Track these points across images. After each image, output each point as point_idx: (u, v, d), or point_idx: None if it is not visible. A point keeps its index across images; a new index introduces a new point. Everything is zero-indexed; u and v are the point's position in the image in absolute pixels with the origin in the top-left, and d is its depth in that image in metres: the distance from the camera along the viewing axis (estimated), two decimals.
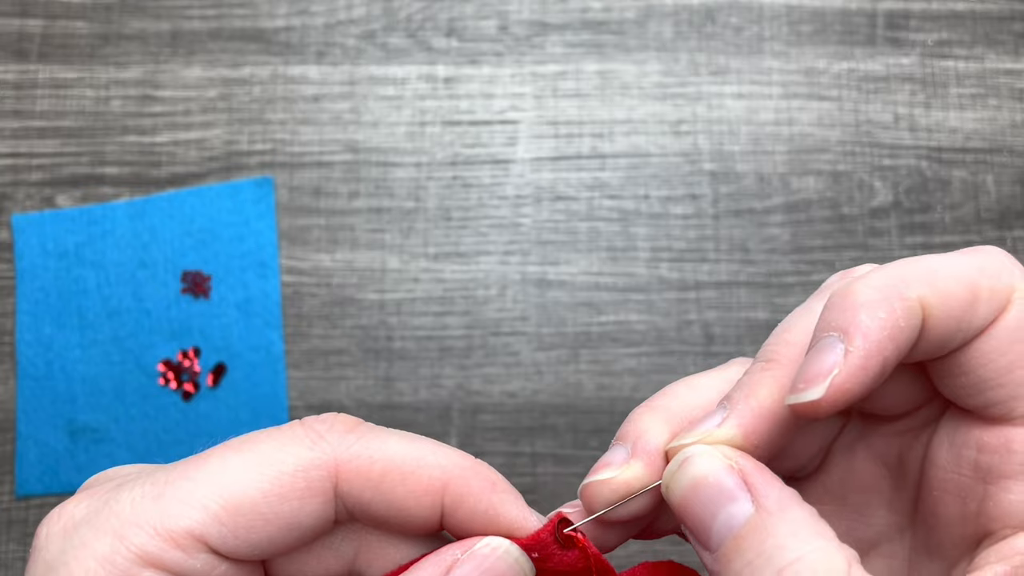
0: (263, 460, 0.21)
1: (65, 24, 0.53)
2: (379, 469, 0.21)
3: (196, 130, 0.52)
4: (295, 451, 0.21)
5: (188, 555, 0.20)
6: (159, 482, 0.21)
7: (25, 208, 0.51)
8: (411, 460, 0.22)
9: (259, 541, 0.21)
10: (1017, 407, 0.21)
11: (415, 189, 0.52)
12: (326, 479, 0.21)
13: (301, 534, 0.21)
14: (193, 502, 0.20)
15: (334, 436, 0.21)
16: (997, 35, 0.54)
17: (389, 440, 0.22)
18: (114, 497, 0.21)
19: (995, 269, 0.21)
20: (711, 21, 0.54)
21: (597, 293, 0.51)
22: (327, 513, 0.21)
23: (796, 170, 0.53)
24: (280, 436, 0.21)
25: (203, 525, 0.20)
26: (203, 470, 0.21)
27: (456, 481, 0.22)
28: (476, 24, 0.54)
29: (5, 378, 0.50)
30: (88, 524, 0.20)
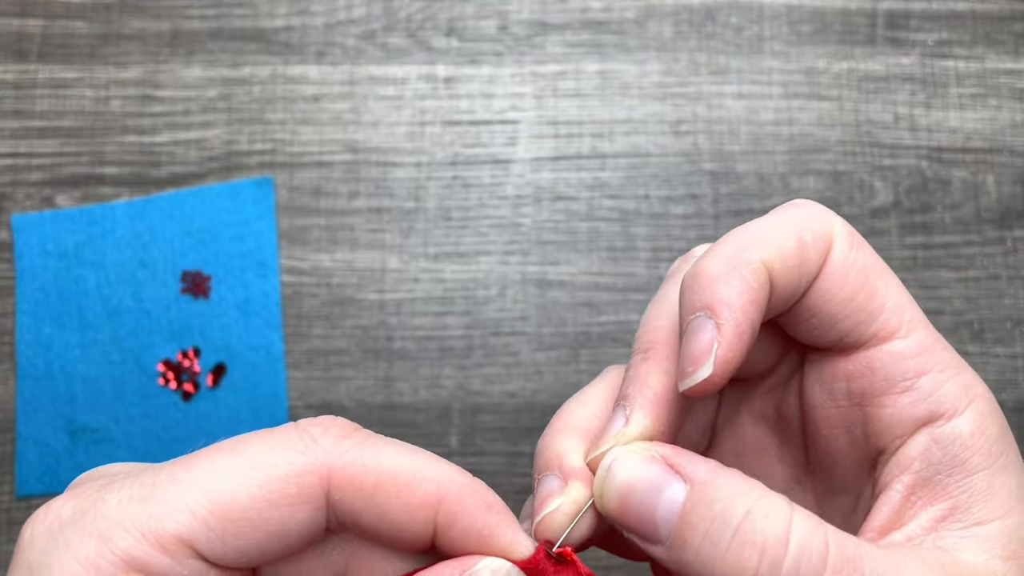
0: (254, 464, 0.20)
1: (65, 24, 0.53)
2: (373, 480, 0.21)
3: (196, 130, 0.52)
4: (287, 456, 0.20)
5: (175, 561, 0.20)
6: (147, 483, 0.20)
7: (25, 208, 0.51)
8: (407, 472, 0.21)
9: (248, 548, 0.20)
10: (865, 331, 0.23)
11: (415, 189, 0.52)
12: (318, 486, 0.20)
13: (291, 541, 0.21)
14: (181, 506, 0.20)
15: (329, 441, 0.21)
16: (997, 35, 0.54)
17: (385, 450, 0.21)
18: (101, 498, 0.20)
19: (812, 217, 0.24)
20: (711, 21, 0.54)
21: (597, 293, 0.51)
22: (318, 521, 0.21)
23: (796, 170, 0.53)
24: (272, 439, 0.21)
25: (191, 530, 0.20)
26: (192, 472, 0.20)
27: (452, 498, 0.21)
28: (476, 24, 0.54)
29: (5, 378, 0.50)
30: (73, 525, 0.20)
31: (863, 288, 0.23)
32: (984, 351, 0.51)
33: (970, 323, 0.52)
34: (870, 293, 0.23)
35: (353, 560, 0.22)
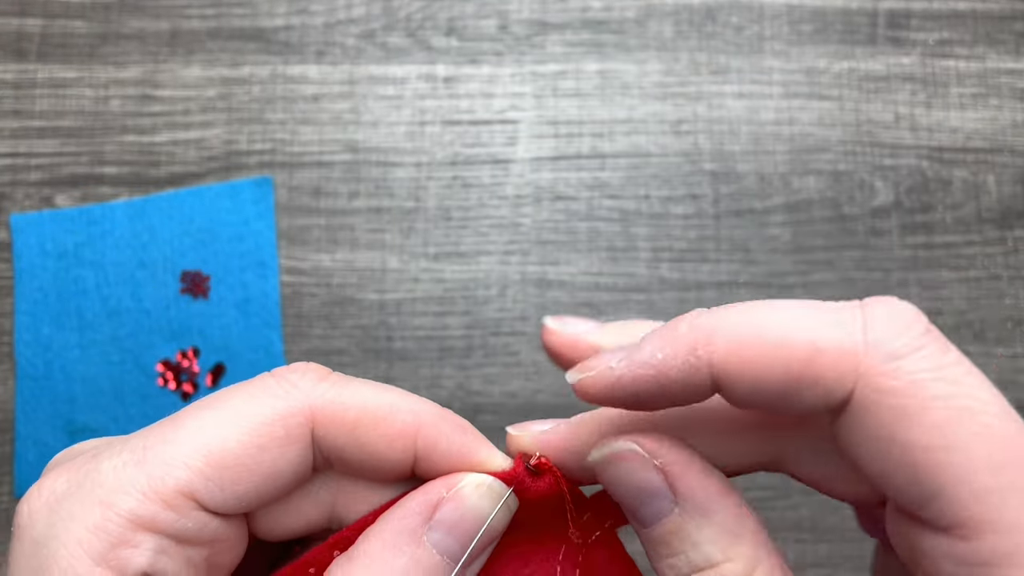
0: (239, 413, 0.21)
1: (64, 24, 0.53)
2: (353, 415, 0.22)
3: (195, 130, 0.52)
4: (270, 402, 0.21)
5: (180, 514, 0.20)
6: (138, 448, 0.21)
7: (24, 208, 0.51)
8: (384, 406, 0.22)
9: (245, 492, 0.21)
10: (929, 507, 0.18)
11: (415, 189, 0.52)
12: (303, 426, 0.21)
13: (284, 482, 0.22)
14: (176, 462, 0.20)
15: (307, 384, 0.22)
16: (998, 35, 0.54)
17: (362, 388, 0.22)
18: (95, 468, 0.21)
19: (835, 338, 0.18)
20: (711, 21, 0.54)
21: (597, 293, 0.51)
22: (306, 459, 0.22)
23: (797, 170, 0.53)
24: (253, 388, 0.22)
25: (190, 482, 0.20)
26: (181, 430, 0.21)
27: (427, 425, 0.22)
28: (476, 24, 0.54)
29: (4, 378, 0.50)
30: (72, 497, 0.20)
31: (905, 445, 0.17)
32: (984, 351, 0.51)
33: (971, 323, 0.52)
34: (925, 456, 0.17)
35: (340, 495, 0.23)
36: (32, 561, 0.20)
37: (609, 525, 0.23)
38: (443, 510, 0.21)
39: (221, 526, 0.21)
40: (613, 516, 0.23)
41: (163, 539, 0.20)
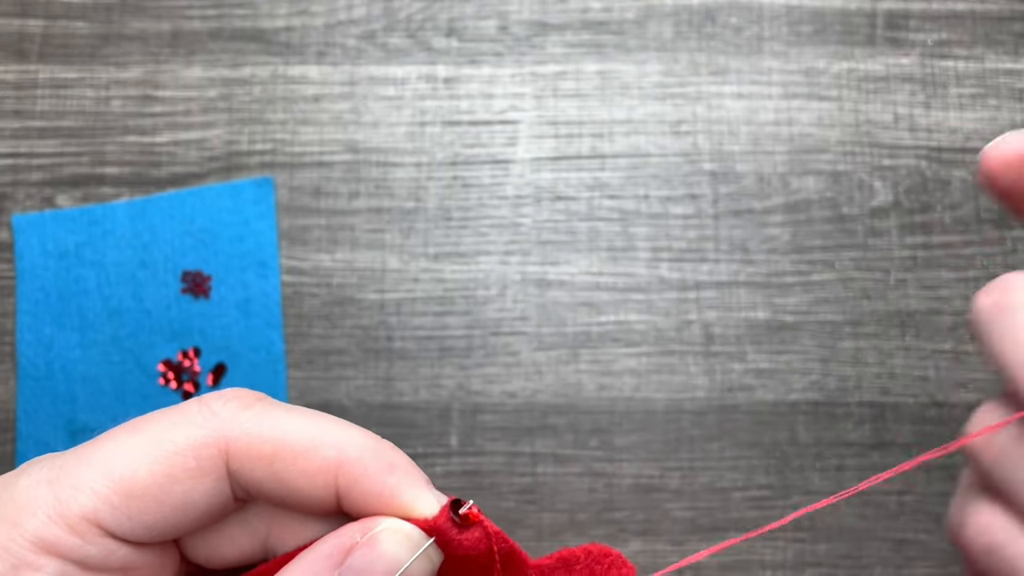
0: (154, 440, 0.20)
1: (65, 24, 0.53)
2: (270, 448, 0.20)
3: (196, 130, 0.52)
4: (186, 430, 0.20)
5: (85, 540, 0.20)
6: (55, 466, 0.20)
7: (25, 208, 0.51)
8: (305, 439, 0.21)
9: (155, 523, 0.20)
10: None
11: (415, 189, 0.52)
12: (217, 457, 0.20)
13: (198, 515, 0.21)
14: (84, 486, 0.20)
15: (228, 412, 0.21)
16: (997, 35, 0.54)
17: (285, 418, 0.21)
18: (13, 483, 0.20)
19: None
20: (711, 21, 0.54)
21: (597, 293, 0.51)
22: (222, 492, 0.21)
23: (796, 170, 0.53)
24: (175, 414, 0.21)
25: (95, 509, 0.20)
26: (98, 452, 0.20)
27: (351, 462, 0.21)
28: (476, 24, 0.54)
29: (5, 378, 0.50)
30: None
31: None
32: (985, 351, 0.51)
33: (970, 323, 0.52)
34: None
35: (274, 526, 0.22)
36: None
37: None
38: (354, 556, 0.20)
39: (132, 554, 0.20)
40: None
41: (66, 564, 0.20)
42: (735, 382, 0.51)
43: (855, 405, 0.51)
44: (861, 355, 0.51)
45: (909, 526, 0.50)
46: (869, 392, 0.51)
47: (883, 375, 0.51)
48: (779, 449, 0.50)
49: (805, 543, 0.50)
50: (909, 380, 0.51)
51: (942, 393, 0.51)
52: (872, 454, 0.50)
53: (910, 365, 0.51)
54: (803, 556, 0.50)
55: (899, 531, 0.50)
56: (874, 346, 0.51)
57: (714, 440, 0.50)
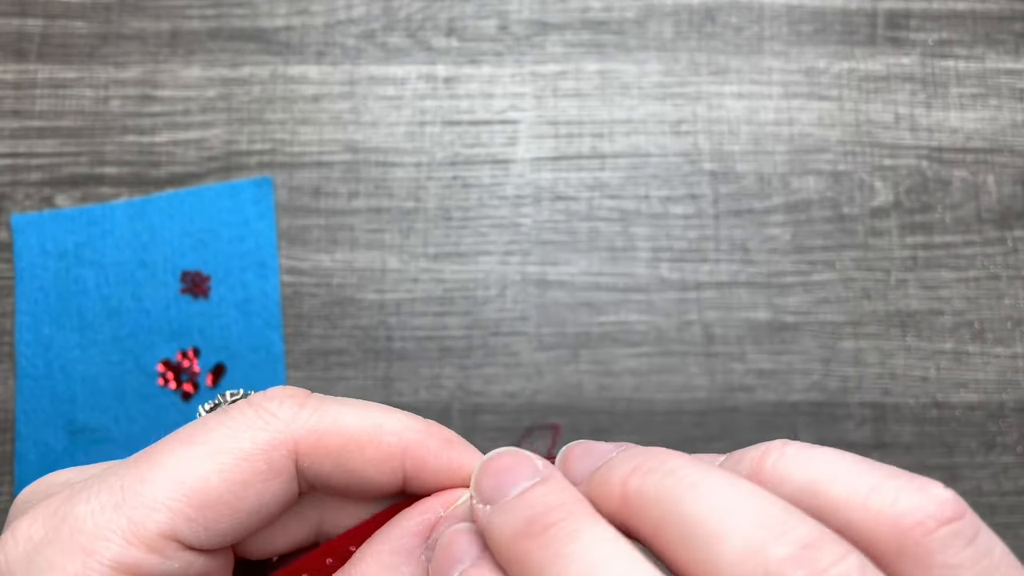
0: (219, 448, 0.20)
1: (64, 24, 0.53)
2: (337, 442, 0.21)
3: (195, 130, 0.52)
4: (250, 434, 0.21)
5: (165, 557, 0.20)
6: (115, 488, 0.20)
7: (24, 208, 0.51)
8: (368, 430, 0.21)
9: (229, 529, 0.20)
10: None
11: (415, 189, 0.52)
12: (286, 457, 0.21)
13: (269, 514, 0.21)
14: (158, 504, 0.20)
15: (287, 413, 0.21)
16: (998, 35, 0.54)
17: (343, 410, 0.21)
18: (71, 512, 0.20)
19: None
20: (711, 21, 0.54)
21: (597, 293, 0.51)
22: (291, 490, 0.21)
23: (796, 170, 0.53)
24: (231, 421, 0.21)
25: (173, 525, 0.20)
26: (158, 468, 0.20)
27: (414, 444, 0.21)
28: (476, 24, 0.54)
29: (4, 378, 0.50)
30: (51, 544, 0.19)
31: None
32: (984, 351, 0.51)
33: (970, 323, 0.52)
34: None
35: (327, 513, 0.23)
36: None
37: None
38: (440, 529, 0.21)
39: (207, 561, 0.21)
40: None
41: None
42: (736, 382, 0.51)
43: (856, 405, 0.51)
44: (862, 355, 0.51)
45: None
46: (870, 392, 0.51)
47: (883, 375, 0.51)
48: None
49: None
50: (909, 380, 0.51)
51: (942, 393, 0.51)
52: (873, 454, 0.50)
53: (910, 365, 0.51)
54: None
55: None
56: (875, 346, 0.51)
57: (715, 440, 0.50)
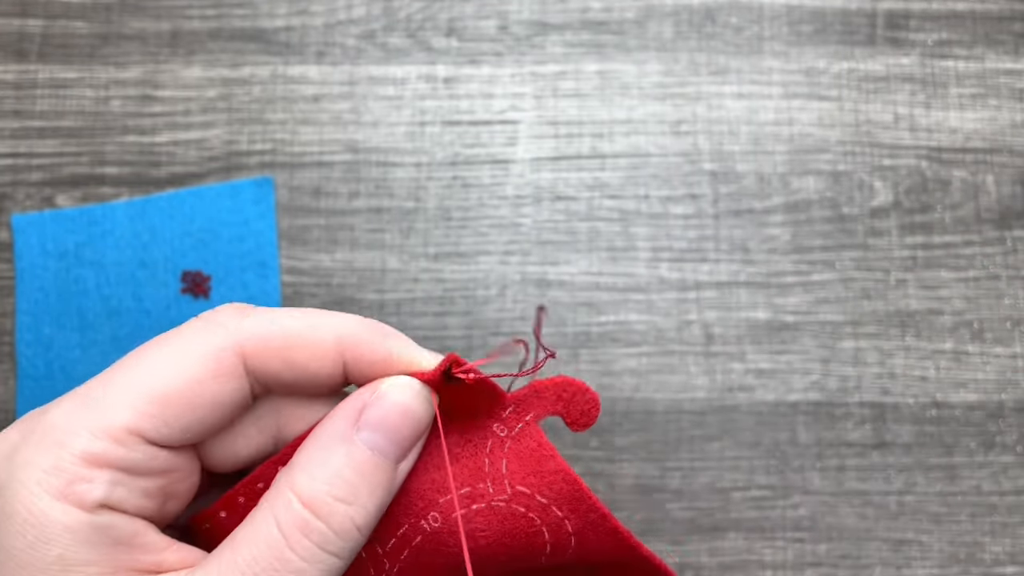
0: (175, 353, 0.23)
1: (65, 24, 0.53)
2: (278, 341, 0.23)
3: (196, 130, 0.52)
4: (201, 340, 0.23)
5: (129, 449, 0.22)
6: (80, 395, 0.22)
7: (25, 208, 0.51)
8: (307, 327, 0.24)
9: (188, 425, 0.23)
10: None
11: (415, 189, 0.52)
12: (235, 357, 0.23)
13: (224, 413, 0.23)
14: (121, 402, 0.22)
15: (232, 321, 0.23)
16: (997, 35, 0.54)
17: (282, 315, 0.24)
18: (43, 417, 0.22)
19: None
20: (711, 21, 0.54)
21: (597, 293, 0.51)
22: (243, 389, 0.23)
23: (796, 170, 0.53)
24: (183, 332, 0.23)
25: (136, 421, 0.22)
26: (122, 374, 0.22)
27: (350, 336, 0.24)
28: (476, 24, 0.54)
29: (5, 378, 0.50)
30: (26, 443, 0.22)
31: None
32: (984, 351, 0.51)
33: (970, 323, 0.52)
34: None
35: (282, 418, 0.25)
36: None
37: (531, 418, 0.25)
38: (368, 411, 0.23)
39: (170, 457, 0.23)
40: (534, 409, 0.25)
41: (116, 472, 0.22)
42: (735, 382, 0.51)
43: (855, 405, 0.51)
44: (861, 355, 0.51)
45: (909, 526, 0.50)
46: (869, 392, 0.51)
47: (883, 375, 0.51)
48: (779, 449, 0.50)
49: (805, 543, 0.50)
50: (909, 380, 0.51)
51: (942, 393, 0.51)
52: (872, 454, 0.50)
53: (910, 365, 0.51)
54: (803, 556, 0.50)
55: (899, 531, 0.50)
56: (874, 346, 0.51)
57: (714, 440, 0.50)
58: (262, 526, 0.22)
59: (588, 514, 0.25)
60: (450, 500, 0.24)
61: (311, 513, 0.22)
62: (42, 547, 0.21)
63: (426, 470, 0.24)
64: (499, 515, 0.24)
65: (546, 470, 0.24)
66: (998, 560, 0.50)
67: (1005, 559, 0.50)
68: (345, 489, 0.22)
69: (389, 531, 0.24)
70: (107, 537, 0.21)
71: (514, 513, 0.24)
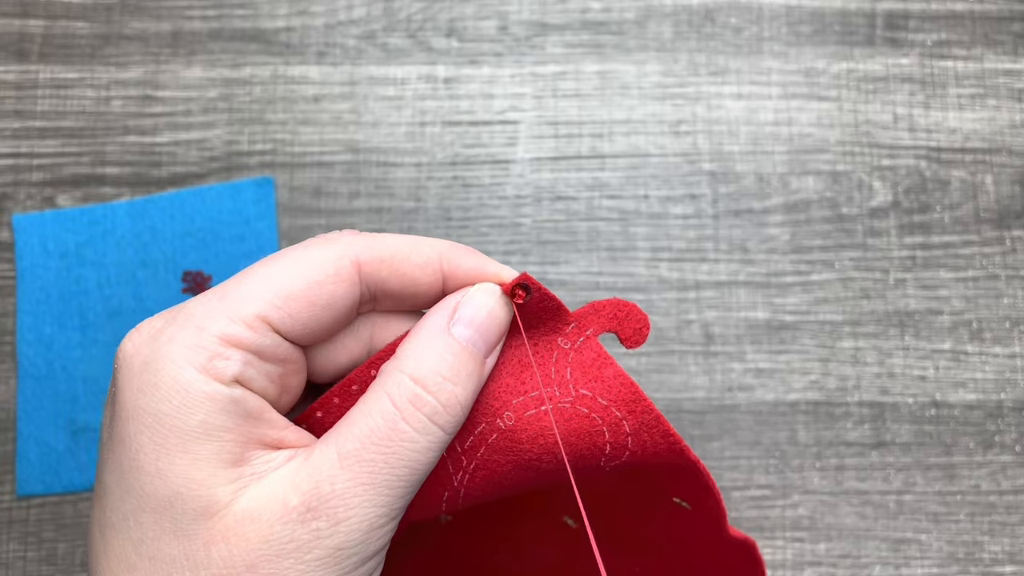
0: (300, 259, 0.26)
1: (66, 24, 0.53)
2: (389, 252, 0.27)
3: (197, 130, 0.52)
4: (323, 249, 0.26)
5: (259, 334, 0.25)
6: (217, 290, 0.26)
7: (26, 208, 0.51)
8: (410, 243, 0.27)
9: (308, 320, 0.26)
10: None
11: (415, 189, 0.52)
12: (351, 266, 0.26)
13: (336, 314, 0.26)
14: (253, 295, 0.25)
15: (347, 237, 0.27)
16: (996, 35, 0.55)
17: (389, 236, 0.28)
18: (184, 308, 0.25)
19: None
20: (710, 22, 0.54)
21: (597, 293, 0.52)
22: (355, 294, 0.27)
23: (795, 170, 0.53)
24: (307, 244, 0.27)
25: (265, 310, 0.25)
26: (253, 276, 0.26)
27: (447, 251, 0.28)
28: (476, 24, 0.54)
29: (6, 378, 0.50)
30: (170, 327, 0.25)
31: None
32: (983, 351, 0.52)
33: (969, 323, 0.52)
34: None
35: (376, 330, 0.28)
36: (144, 376, 0.24)
37: (591, 332, 0.28)
38: (460, 310, 0.27)
39: (291, 349, 0.26)
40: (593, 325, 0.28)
41: (247, 354, 0.25)
42: (735, 382, 0.51)
43: (855, 405, 0.51)
44: (860, 355, 0.51)
45: (908, 525, 0.50)
46: (868, 392, 0.51)
47: (882, 375, 0.51)
48: (779, 449, 0.50)
49: (805, 543, 0.50)
50: (908, 380, 0.51)
51: (941, 393, 0.51)
52: (871, 453, 0.50)
53: (909, 365, 0.51)
54: (803, 556, 0.50)
55: (898, 530, 0.50)
56: (873, 346, 0.51)
57: (714, 440, 0.50)
58: (376, 403, 0.25)
59: (643, 415, 0.28)
60: (522, 401, 0.27)
61: (422, 388, 0.25)
62: (187, 412, 0.24)
63: (500, 375, 0.28)
64: (564, 415, 0.27)
65: (606, 376, 0.28)
66: (997, 559, 0.50)
67: (1004, 558, 0.50)
68: (449, 371, 0.26)
69: (468, 430, 0.27)
70: (240, 409, 0.24)
71: (578, 413, 0.27)
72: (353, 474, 0.24)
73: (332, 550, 0.24)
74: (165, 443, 0.24)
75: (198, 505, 0.24)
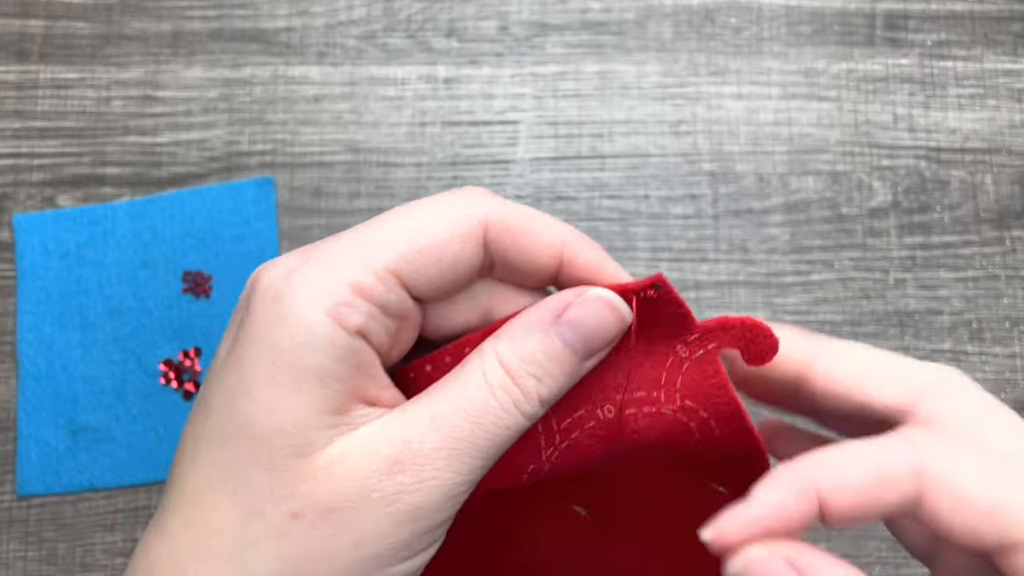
0: (431, 215, 0.26)
1: (66, 25, 0.53)
2: (516, 223, 0.27)
3: (197, 130, 0.53)
4: (452, 207, 0.26)
5: (387, 288, 0.25)
6: (355, 233, 0.26)
7: (26, 208, 0.51)
8: (539, 220, 0.27)
9: (434, 277, 0.26)
10: None
11: (415, 189, 0.52)
12: (478, 228, 0.26)
13: (459, 274, 0.26)
14: (388, 245, 0.25)
15: (479, 197, 0.27)
16: (996, 36, 0.55)
17: (519, 205, 0.27)
18: (322, 246, 0.25)
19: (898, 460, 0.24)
20: (710, 22, 0.54)
21: None
22: (479, 256, 0.26)
23: (795, 170, 0.53)
24: (435, 200, 0.26)
25: (397, 263, 0.25)
26: (388, 224, 0.26)
27: (572, 240, 0.27)
28: (476, 25, 0.54)
29: (6, 378, 0.50)
30: (305, 265, 0.25)
31: None
32: (983, 351, 0.52)
33: (969, 323, 0.52)
34: None
35: (494, 299, 0.28)
36: (274, 309, 0.24)
37: (713, 347, 0.27)
38: (570, 311, 0.26)
39: (412, 307, 0.26)
40: (717, 341, 0.27)
41: (373, 307, 0.25)
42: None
43: None
44: None
45: None
46: None
47: None
48: None
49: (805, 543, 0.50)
50: None
51: None
52: None
53: None
54: None
55: None
56: (873, 346, 0.51)
57: None
58: (472, 376, 0.25)
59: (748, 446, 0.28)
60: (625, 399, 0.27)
61: (510, 377, 0.25)
62: (307, 351, 0.24)
63: (610, 368, 0.27)
64: (663, 420, 0.27)
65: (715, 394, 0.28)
66: None
67: None
68: (536, 367, 0.25)
69: (567, 412, 0.27)
70: (356, 359, 0.25)
71: (677, 421, 0.27)
72: (442, 436, 0.25)
73: (412, 507, 0.24)
74: (279, 377, 0.24)
75: (296, 443, 0.24)
